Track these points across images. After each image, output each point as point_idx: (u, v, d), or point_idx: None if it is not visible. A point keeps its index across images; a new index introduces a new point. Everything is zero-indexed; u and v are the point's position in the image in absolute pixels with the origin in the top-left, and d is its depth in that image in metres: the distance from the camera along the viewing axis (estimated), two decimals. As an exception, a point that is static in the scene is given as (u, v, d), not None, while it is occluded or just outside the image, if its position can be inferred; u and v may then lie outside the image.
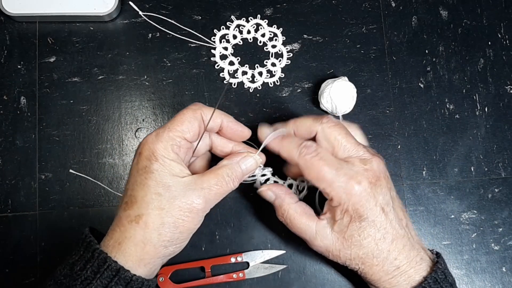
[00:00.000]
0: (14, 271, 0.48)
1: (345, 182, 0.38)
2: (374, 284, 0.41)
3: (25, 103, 0.51)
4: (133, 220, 0.36)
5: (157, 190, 0.36)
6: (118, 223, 0.37)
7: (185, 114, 0.39)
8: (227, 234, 0.49)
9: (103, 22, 0.53)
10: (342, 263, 0.41)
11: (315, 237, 0.40)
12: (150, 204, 0.36)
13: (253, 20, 0.53)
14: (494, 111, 0.53)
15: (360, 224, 0.39)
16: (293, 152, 0.40)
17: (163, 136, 0.38)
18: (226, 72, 0.52)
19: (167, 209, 0.36)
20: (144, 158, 0.37)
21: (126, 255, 0.36)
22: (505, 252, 0.50)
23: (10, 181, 0.50)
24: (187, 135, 0.39)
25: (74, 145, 0.51)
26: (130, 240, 0.36)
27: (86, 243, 0.36)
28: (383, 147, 0.52)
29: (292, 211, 0.41)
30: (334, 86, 0.48)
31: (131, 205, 0.37)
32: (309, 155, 0.39)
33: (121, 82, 0.52)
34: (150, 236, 0.36)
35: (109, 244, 0.36)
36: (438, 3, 0.54)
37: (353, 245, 0.39)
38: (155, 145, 0.37)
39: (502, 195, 0.51)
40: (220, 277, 0.48)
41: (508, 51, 0.54)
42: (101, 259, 0.35)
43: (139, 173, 0.37)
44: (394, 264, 0.40)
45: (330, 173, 0.38)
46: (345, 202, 0.38)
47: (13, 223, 0.49)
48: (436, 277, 0.39)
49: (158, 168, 0.37)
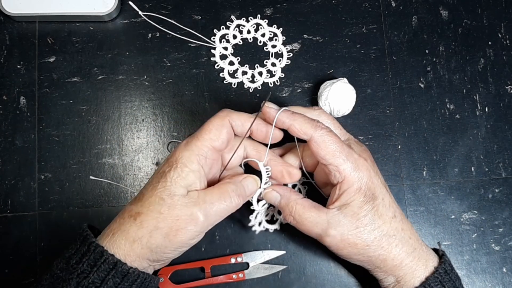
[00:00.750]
0: (14, 271, 0.48)
1: (356, 159, 0.39)
2: (394, 272, 0.40)
3: (25, 103, 0.51)
4: (132, 216, 0.37)
5: (162, 195, 0.37)
6: (120, 214, 0.38)
7: (212, 122, 0.39)
8: (227, 234, 0.49)
9: (103, 22, 0.53)
10: (358, 257, 0.40)
11: (328, 227, 0.39)
12: (151, 206, 0.37)
13: (253, 20, 0.53)
14: (494, 111, 0.53)
15: (373, 204, 0.39)
16: (308, 126, 0.39)
17: (191, 145, 0.38)
18: (226, 72, 0.52)
19: (165, 215, 0.36)
20: (167, 163, 0.38)
21: (115, 247, 0.36)
22: (505, 252, 0.50)
23: (10, 181, 0.50)
24: (215, 143, 0.38)
25: (74, 145, 0.51)
26: (123, 234, 0.36)
27: (83, 237, 0.37)
28: (383, 147, 0.51)
29: (300, 206, 0.40)
30: (332, 88, 0.48)
31: (136, 201, 0.38)
32: (324, 130, 0.39)
33: (121, 82, 0.52)
34: (141, 235, 0.36)
35: (105, 232, 0.37)
36: (438, 3, 0.54)
37: (369, 226, 0.39)
38: (181, 152, 0.38)
39: (502, 195, 0.51)
40: (220, 278, 0.48)
41: (508, 51, 0.53)
42: (98, 252, 0.35)
43: (156, 175, 0.38)
44: (410, 243, 0.40)
45: (344, 149, 0.39)
46: (359, 180, 0.39)
47: (13, 223, 0.49)
48: (447, 260, 0.41)
49: (173, 176, 0.37)
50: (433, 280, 0.39)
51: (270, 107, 0.40)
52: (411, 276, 0.40)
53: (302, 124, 0.39)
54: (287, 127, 0.40)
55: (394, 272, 0.40)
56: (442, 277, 0.39)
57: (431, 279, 0.39)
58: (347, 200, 0.39)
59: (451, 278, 0.40)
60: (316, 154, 0.39)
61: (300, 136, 0.40)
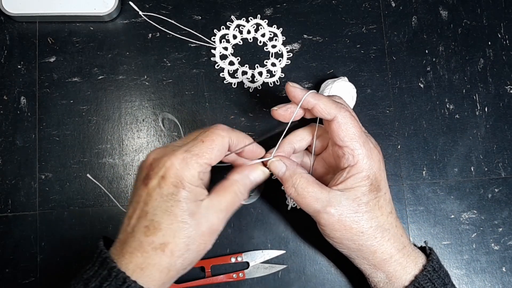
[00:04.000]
0: (14, 271, 0.48)
1: (371, 148, 0.40)
2: (383, 267, 0.40)
3: (25, 103, 0.51)
4: (158, 248, 0.35)
5: (183, 218, 0.36)
6: (138, 248, 0.36)
7: (214, 141, 0.38)
8: (227, 234, 0.49)
9: (103, 22, 0.53)
10: (349, 243, 0.40)
11: (328, 204, 0.39)
12: (176, 233, 0.35)
13: (253, 20, 0.53)
14: (494, 111, 0.53)
15: (376, 194, 0.40)
16: (333, 106, 0.40)
17: (191, 163, 0.36)
18: (226, 72, 0.52)
19: (193, 237, 0.36)
20: (170, 184, 0.36)
21: (149, 280, 0.35)
22: (505, 252, 0.50)
23: (10, 181, 0.50)
24: (214, 162, 0.38)
25: (74, 145, 0.51)
26: (154, 267, 0.35)
27: (102, 258, 0.36)
28: (383, 147, 0.51)
29: (304, 180, 0.40)
30: (333, 87, 0.48)
31: (154, 232, 0.36)
32: (348, 112, 0.40)
33: (121, 82, 0.52)
34: (175, 262, 0.36)
35: (129, 267, 0.35)
36: (438, 3, 0.54)
37: (367, 214, 0.40)
38: (184, 172, 0.36)
39: (502, 195, 0.51)
40: (220, 277, 0.48)
41: (508, 51, 0.54)
42: (120, 278, 0.34)
43: (163, 199, 0.36)
44: (401, 241, 0.41)
45: (362, 136, 0.40)
46: (369, 168, 0.40)
47: (13, 223, 0.49)
48: (435, 258, 0.41)
49: (186, 196, 0.36)
50: (422, 278, 0.39)
51: (295, 87, 0.41)
52: (402, 273, 0.40)
53: (327, 104, 0.40)
54: (312, 106, 0.40)
55: (383, 267, 0.40)
56: (431, 274, 0.39)
57: (420, 277, 0.39)
58: (353, 184, 0.40)
59: (440, 275, 0.40)
60: (336, 135, 0.40)
61: (324, 116, 0.40)
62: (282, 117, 0.42)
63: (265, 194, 0.48)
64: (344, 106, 0.40)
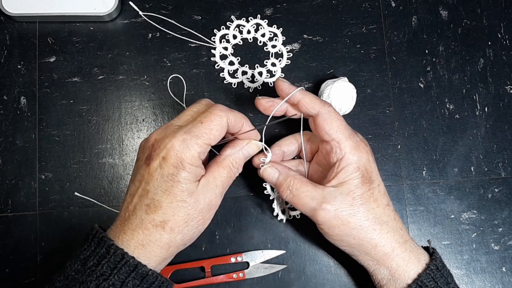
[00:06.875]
0: (14, 271, 0.48)
1: (357, 141, 0.41)
2: (386, 262, 0.40)
3: (25, 103, 0.51)
4: (159, 225, 0.37)
5: (183, 197, 0.37)
6: (140, 225, 0.37)
7: (213, 121, 0.38)
8: (227, 234, 0.49)
9: (103, 22, 0.53)
10: (349, 239, 0.40)
11: (324, 201, 0.40)
12: (176, 211, 0.37)
13: (253, 20, 0.53)
14: (494, 111, 0.53)
15: (370, 186, 0.40)
16: (317, 102, 0.41)
17: (191, 144, 0.37)
18: (226, 72, 0.52)
19: (192, 214, 0.38)
20: (171, 165, 0.37)
21: (150, 256, 0.37)
22: (505, 252, 0.50)
23: (10, 181, 0.50)
24: (213, 142, 0.39)
25: (74, 145, 0.51)
26: (155, 244, 0.37)
27: (98, 238, 0.37)
28: (383, 147, 0.52)
29: (298, 181, 0.42)
30: (333, 87, 0.48)
31: (155, 210, 0.37)
32: (331, 107, 0.41)
33: (121, 82, 0.52)
34: (175, 238, 0.38)
35: (131, 244, 0.37)
36: (438, 3, 0.54)
37: (364, 207, 0.40)
38: (184, 153, 0.37)
39: (502, 195, 0.51)
40: (220, 277, 0.48)
41: (508, 51, 0.54)
42: (118, 255, 0.36)
43: (164, 179, 0.37)
44: (401, 234, 0.41)
45: (348, 129, 0.41)
46: (358, 160, 0.40)
47: (13, 223, 0.49)
48: (438, 257, 0.41)
49: (185, 177, 0.37)
50: (425, 276, 0.39)
51: (285, 81, 0.42)
52: (405, 269, 0.40)
53: (312, 100, 0.41)
54: (297, 101, 0.42)
55: (385, 262, 0.40)
56: (434, 273, 0.39)
57: (423, 276, 0.39)
58: (345, 178, 0.40)
59: (443, 274, 0.40)
60: (321, 129, 0.41)
61: (308, 111, 0.41)
62: (263, 108, 0.43)
63: (264, 194, 0.48)
64: (328, 103, 0.42)
